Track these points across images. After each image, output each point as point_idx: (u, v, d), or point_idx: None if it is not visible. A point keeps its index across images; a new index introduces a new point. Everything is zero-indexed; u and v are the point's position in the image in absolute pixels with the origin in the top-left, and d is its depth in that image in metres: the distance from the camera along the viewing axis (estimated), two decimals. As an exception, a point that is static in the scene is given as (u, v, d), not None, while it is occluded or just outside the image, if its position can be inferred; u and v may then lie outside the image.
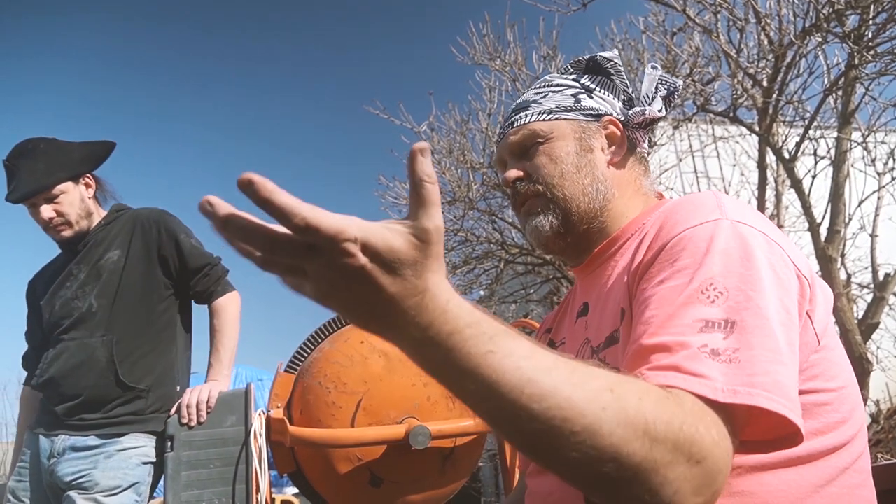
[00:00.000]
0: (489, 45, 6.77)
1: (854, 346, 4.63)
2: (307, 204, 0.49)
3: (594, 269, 0.98)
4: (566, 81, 1.04)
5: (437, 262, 0.55)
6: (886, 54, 4.39)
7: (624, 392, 0.58)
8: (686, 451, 0.58)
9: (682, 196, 0.89)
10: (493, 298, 8.26)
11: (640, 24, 5.83)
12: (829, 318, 0.80)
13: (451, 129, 7.43)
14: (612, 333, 0.83)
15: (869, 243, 5.64)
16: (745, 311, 0.67)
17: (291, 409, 1.95)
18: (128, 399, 1.87)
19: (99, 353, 1.88)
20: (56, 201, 1.93)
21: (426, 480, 1.96)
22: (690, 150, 7.40)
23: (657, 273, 0.75)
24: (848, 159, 5.15)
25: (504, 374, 0.55)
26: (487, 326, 0.56)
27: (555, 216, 0.97)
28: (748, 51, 5.14)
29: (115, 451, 1.83)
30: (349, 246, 0.50)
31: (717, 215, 0.76)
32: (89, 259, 1.99)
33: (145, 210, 2.08)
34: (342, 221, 0.50)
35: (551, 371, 0.56)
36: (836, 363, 0.79)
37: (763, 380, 0.63)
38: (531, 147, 1.00)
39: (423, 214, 0.53)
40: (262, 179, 0.48)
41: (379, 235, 0.51)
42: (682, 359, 0.64)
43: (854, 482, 0.75)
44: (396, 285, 0.53)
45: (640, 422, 0.57)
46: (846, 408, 0.77)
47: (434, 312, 0.54)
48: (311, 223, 0.48)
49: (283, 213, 0.48)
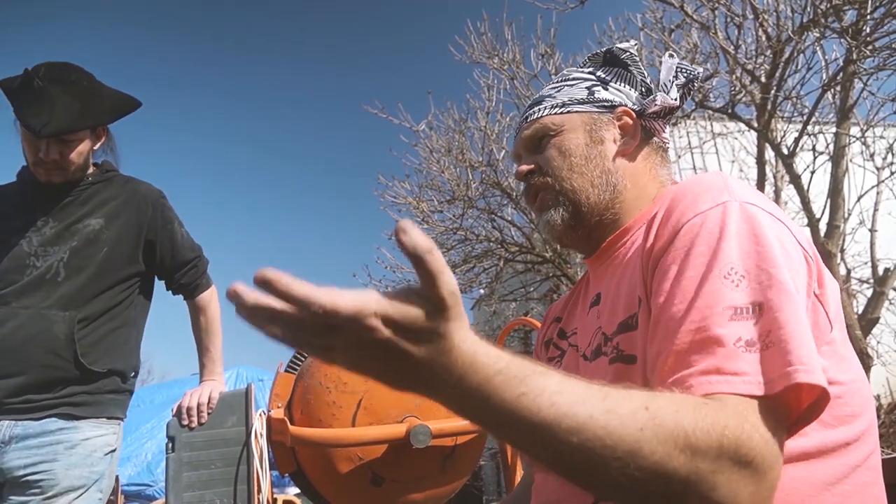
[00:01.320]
0: (487, 44, 6.78)
1: (854, 341, 4.64)
2: (324, 289, 0.52)
3: (606, 259, 0.97)
4: (582, 75, 1.04)
5: (458, 320, 0.56)
6: (884, 49, 4.40)
7: (659, 408, 0.59)
8: (732, 454, 0.58)
9: (688, 178, 0.88)
10: (492, 297, 8.27)
11: (638, 21, 5.83)
12: (838, 308, 0.80)
13: (450, 127, 7.44)
14: (626, 319, 0.82)
15: (868, 238, 5.65)
16: (768, 289, 0.67)
17: (292, 409, 1.95)
18: (83, 381, 1.68)
19: (58, 328, 1.66)
20: (70, 146, 1.72)
21: (427, 479, 1.97)
22: (689, 147, 7.41)
23: (673, 262, 0.74)
24: (847, 154, 5.15)
25: (539, 412, 0.56)
26: (517, 369, 0.58)
27: (565, 209, 0.97)
28: (746, 47, 5.14)
29: (78, 441, 1.63)
30: (371, 321, 0.53)
31: (725, 197, 0.76)
32: (63, 216, 1.75)
33: (145, 186, 1.89)
34: (359, 300, 0.52)
35: (585, 401, 0.58)
36: (846, 357, 0.79)
37: (798, 353, 0.63)
38: (543, 140, 1.00)
39: (435, 284, 0.55)
40: (276, 276, 0.52)
41: (398, 308, 0.54)
42: (721, 359, 0.64)
43: (866, 480, 0.75)
44: (423, 350, 0.55)
45: (681, 435, 0.57)
46: (857, 402, 0.77)
47: (463, 367, 0.57)
48: (328, 309, 0.51)
49: (302, 303, 0.52)
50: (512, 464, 2.14)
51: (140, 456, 6.22)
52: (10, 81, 1.71)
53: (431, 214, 7.53)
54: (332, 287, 0.53)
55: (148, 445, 6.30)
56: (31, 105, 1.67)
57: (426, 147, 7.50)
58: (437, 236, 7.57)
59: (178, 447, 1.82)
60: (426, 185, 7.64)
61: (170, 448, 1.83)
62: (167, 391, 6.88)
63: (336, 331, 0.54)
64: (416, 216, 7.59)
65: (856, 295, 5.87)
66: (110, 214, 1.79)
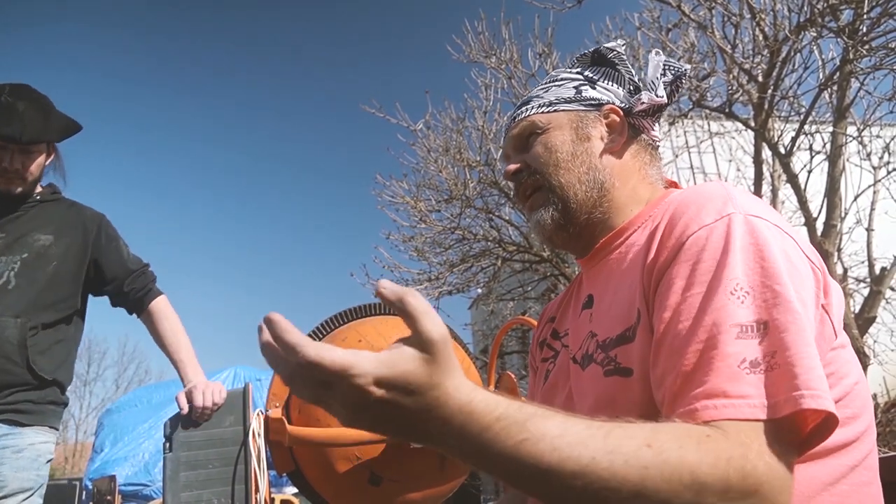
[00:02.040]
0: (484, 43, 6.77)
1: (851, 340, 4.64)
2: (315, 343, 0.54)
3: (599, 260, 0.97)
4: (570, 75, 1.05)
5: (449, 368, 0.57)
6: (881, 48, 4.40)
7: (662, 444, 0.58)
8: (737, 485, 0.58)
9: (690, 187, 0.88)
10: (490, 296, 8.27)
11: (636, 21, 5.84)
12: (842, 315, 0.80)
13: (448, 127, 7.44)
14: (624, 332, 0.82)
15: (865, 237, 5.65)
16: (774, 308, 0.66)
17: (290, 408, 1.95)
18: (31, 387, 1.77)
19: (10, 332, 1.74)
20: (31, 157, 1.87)
21: (426, 478, 1.96)
22: (686, 146, 7.41)
23: (678, 276, 0.74)
24: (843, 154, 5.16)
25: (541, 457, 0.56)
26: (517, 414, 0.58)
27: (554, 207, 0.97)
28: (743, 46, 5.14)
29: (25, 446, 1.71)
30: (359, 381, 0.54)
31: (730, 209, 0.75)
32: (13, 229, 1.86)
33: (89, 210, 2.04)
34: (347, 359, 0.53)
35: (587, 443, 0.57)
36: (848, 360, 0.79)
37: (805, 378, 0.62)
38: (530, 138, 1.01)
39: (421, 326, 0.56)
40: (279, 319, 0.54)
41: (389, 365, 0.55)
42: (725, 381, 0.64)
43: (863, 479, 0.75)
44: (418, 403, 0.56)
45: (686, 471, 0.57)
46: (857, 404, 0.77)
47: (461, 415, 0.57)
48: (312, 361, 0.53)
49: (289, 349, 0.54)
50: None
51: (137, 456, 6.22)
52: None
53: (429, 214, 7.53)
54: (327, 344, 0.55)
55: (145, 445, 6.30)
56: (2, 119, 1.78)
57: (424, 146, 7.50)
58: (434, 235, 7.57)
59: (176, 447, 1.82)
60: (424, 185, 7.64)
61: (167, 448, 1.83)
62: (164, 391, 6.88)
63: (325, 385, 0.55)
64: (413, 215, 7.60)
65: (852, 294, 5.88)
66: (58, 232, 1.91)
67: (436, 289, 7.49)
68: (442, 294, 7.54)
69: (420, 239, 7.61)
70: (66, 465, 22.37)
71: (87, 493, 5.94)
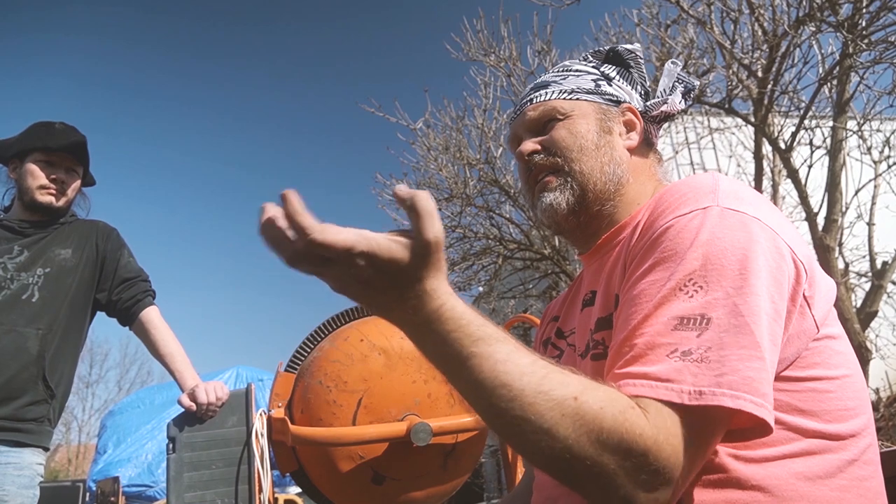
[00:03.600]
0: (483, 41, 6.77)
1: (853, 334, 4.65)
2: (322, 225, 0.59)
3: (600, 256, 0.97)
4: (586, 68, 1.05)
5: (435, 269, 0.64)
6: (880, 42, 4.40)
7: (587, 400, 0.63)
8: (638, 459, 0.62)
9: (683, 179, 0.88)
10: (491, 294, 8.27)
11: (634, 17, 5.83)
12: (830, 307, 0.79)
13: (447, 125, 7.44)
14: (607, 316, 0.84)
15: (866, 232, 5.66)
16: (721, 307, 0.68)
17: (292, 408, 1.95)
18: (41, 400, 1.86)
19: (31, 344, 1.85)
20: (72, 176, 2.06)
21: (428, 477, 1.97)
22: (686, 142, 7.41)
23: (641, 263, 0.76)
24: (844, 148, 5.16)
25: (481, 374, 0.64)
26: (475, 329, 0.65)
27: (571, 192, 0.96)
28: (742, 42, 5.14)
29: (26, 465, 1.80)
30: (357, 260, 0.60)
31: (708, 202, 0.75)
32: (37, 245, 1.99)
33: (103, 222, 2.19)
34: (351, 237, 0.59)
35: (523, 376, 0.64)
36: (840, 352, 0.79)
37: (731, 378, 0.64)
38: (549, 123, 0.99)
39: (422, 224, 0.62)
40: (293, 197, 0.59)
41: (384, 249, 0.61)
42: (652, 364, 0.67)
43: (862, 474, 0.75)
44: (397, 290, 0.63)
45: (595, 429, 0.62)
46: (850, 397, 0.77)
47: (429, 314, 0.64)
48: (323, 242, 0.58)
49: (302, 229, 0.58)
50: (513, 461, 2.14)
51: (140, 457, 6.22)
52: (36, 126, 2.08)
53: (429, 212, 7.52)
54: (330, 224, 0.60)
55: (148, 446, 6.30)
56: (56, 136, 2.03)
57: (423, 145, 7.51)
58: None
59: (179, 448, 1.82)
60: (424, 183, 7.64)
61: (170, 449, 1.83)
62: (167, 392, 6.88)
63: (326, 261, 0.60)
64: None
65: (854, 288, 5.88)
66: (76, 245, 2.06)
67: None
68: (443, 292, 7.52)
69: (421, 238, 7.59)
70: (70, 467, 22.38)
71: (90, 495, 5.94)
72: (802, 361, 0.75)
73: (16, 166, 2.04)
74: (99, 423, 7.77)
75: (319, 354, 1.97)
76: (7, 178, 2.07)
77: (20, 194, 2.02)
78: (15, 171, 2.05)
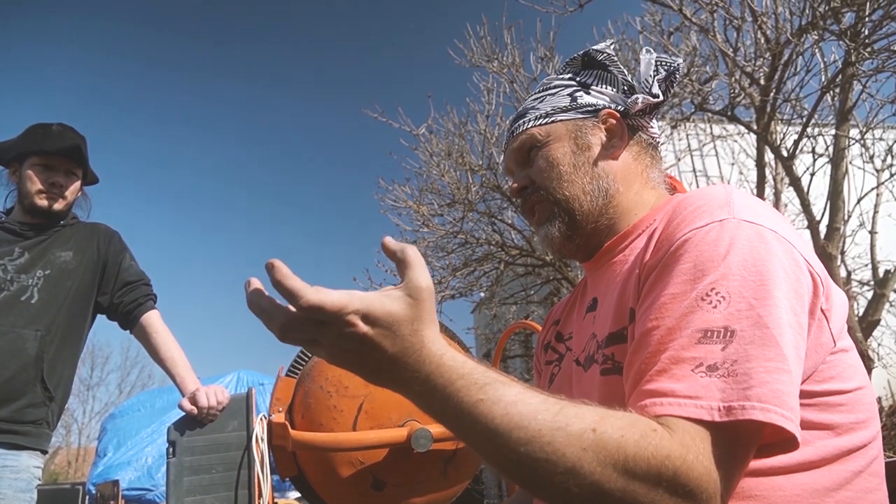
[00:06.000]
0: (487, 48, 6.79)
1: (855, 343, 4.62)
2: (313, 287, 0.59)
3: (604, 264, 0.97)
4: (563, 82, 1.04)
5: (430, 320, 0.64)
6: (883, 51, 4.40)
7: (605, 430, 0.61)
8: (669, 483, 0.59)
9: (693, 190, 0.87)
10: (493, 300, 8.26)
11: (637, 25, 5.85)
12: (844, 320, 0.79)
13: (450, 131, 7.45)
14: (619, 330, 0.83)
15: (868, 240, 5.64)
16: (745, 319, 0.66)
17: (293, 413, 1.95)
18: (39, 402, 1.85)
19: (30, 345, 1.85)
20: (72, 180, 2.06)
21: (428, 483, 1.96)
22: (689, 150, 7.41)
23: (660, 277, 0.75)
24: (846, 156, 5.15)
25: (493, 419, 0.61)
26: (479, 376, 0.63)
27: (560, 220, 0.97)
28: (745, 49, 5.14)
29: (23, 468, 1.80)
30: (352, 318, 0.60)
31: (724, 214, 0.75)
32: (37, 248, 1.99)
33: (104, 225, 2.20)
34: (343, 298, 0.59)
35: (537, 416, 0.61)
36: (852, 365, 0.78)
37: (759, 391, 0.62)
38: (531, 152, 1.01)
39: (412, 273, 0.63)
40: (279, 265, 0.59)
41: (378, 304, 0.61)
42: (677, 381, 0.65)
43: (868, 486, 0.75)
44: (396, 346, 0.62)
45: (620, 459, 0.60)
46: (861, 410, 0.77)
47: (430, 366, 0.63)
48: (314, 304, 0.58)
49: (291, 295, 0.58)
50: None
51: (140, 460, 6.22)
52: (34, 128, 2.05)
53: (432, 218, 7.54)
54: (321, 286, 0.60)
55: (148, 450, 6.30)
56: (53, 139, 2.01)
57: (426, 151, 7.52)
58: (437, 240, 7.57)
59: (179, 452, 1.82)
60: (426, 189, 7.65)
61: (170, 452, 1.83)
62: (167, 396, 6.88)
63: (320, 325, 0.60)
64: (416, 219, 7.60)
65: (856, 297, 5.87)
66: (77, 247, 2.06)
67: (438, 293, 7.48)
68: (445, 298, 7.54)
69: (423, 243, 7.61)
70: (70, 470, 22.35)
71: (90, 498, 5.94)
72: (819, 375, 0.74)
73: (15, 169, 2.05)
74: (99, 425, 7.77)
75: (320, 360, 1.97)
76: (8, 181, 2.08)
77: (20, 198, 2.03)
78: (15, 174, 2.06)
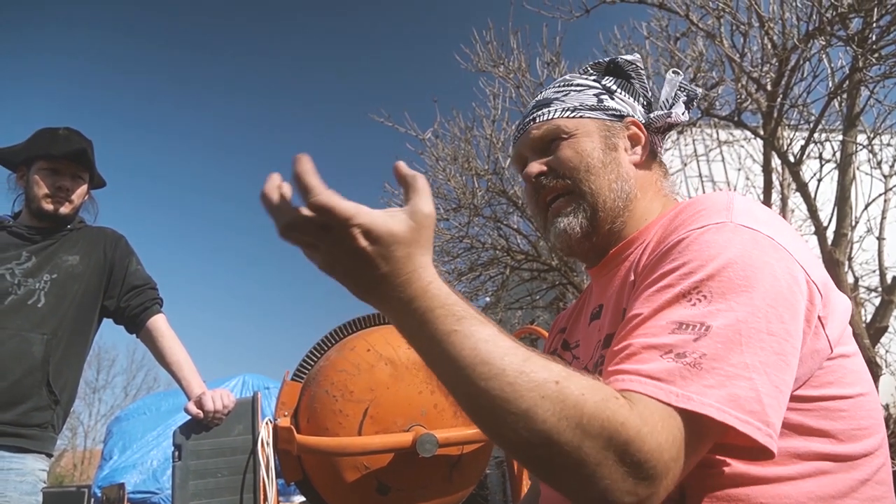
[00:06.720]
0: (493, 52, 6.79)
1: (863, 350, 4.60)
2: (329, 190, 0.60)
3: (609, 270, 0.97)
4: (587, 82, 1.04)
5: (425, 246, 0.66)
6: (891, 57, 4.38)
7: (568, 385, 0.62)
8: (618, 450, 0.60)
9: (697, 196, 0.88)
10: (499, 305, 8.24)
11: (644, 30, 5.84)
12: (845, 326, 0.78)
13: (456, 136, 7.45)
14: (615, 331, 0.83)
15: (876, 246, 5.61)
16: (722, 318, 0.67)
17: (298, 417, 1.95)
18: (45, 405, 1.86)
19: (36, 349, 1.86)
20: (78, 183, 2.07)
21: (433, 488, 1.96)
22: (695, 155, 7.39)
23: (651, 272, 0.76)
24: (853, 162, 5.13)
25: (461, 350, 0.63)
26: (459, 310, 0.65)
27: (584, 215, 0.95)
28: (752, 55, 5.14)
29: (28, 470, 1.80)
30: (355, 231, 0.61)
31: (722, 218, 0.75)
32: (44, 252, 2.00)
33: (110, 229, 2.21)
34: (353, 209, 0.61)
35: (505, 356, 0.63)
36: (854, 371, 0.78)
37: (718, 393, 0.63)
38: (553, 142, 0.99)
39: (417, 199, 0.66)
40: (306, 161, 0.60)
41: (381, 222, 0.62)
42: (645, 363, 0.66)
43: (874, 494, 0.74)
44: (389, 265, 0.63)
45: (576, 415, 0.60)
46: (864, 416, 0.76)
47: (416, 290, 0.64)
48: (325, 204, 0.60)
49: (307, 190, 0.59)
50: (518, 473, 2.13)
51: (146, 464, 6.23)
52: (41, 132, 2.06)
53: (437, 222, 7.53)
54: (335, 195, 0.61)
55: (154, 453, 6.31)
56: (60, 143, 2.03)
57: (432, 155, 7.52)
58: (443, 244, 7.57)
59: (185, 455, 1.83)
60: (432, 193, 7.60)
61: (176, 456, 1.83)
62: (173, 399, 6.89)
63: (324, 231, 0.61)
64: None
65: (864, 303, 5.83)
66: (84, 251, 2.07)
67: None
68: (450, 303, 7.51)
69: (428, 247, 7.59)
70: (75, 472, 22.40)
71: (95, 501, 5.95)
72: (815, 381, 0.74)
73: (23, 174, 2.07)
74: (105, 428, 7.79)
75: (326, 364, 1.97)
76: (16, 185, 2.10)
77: (27, 202, 2.05)
78: (22, 178, 2.07)
